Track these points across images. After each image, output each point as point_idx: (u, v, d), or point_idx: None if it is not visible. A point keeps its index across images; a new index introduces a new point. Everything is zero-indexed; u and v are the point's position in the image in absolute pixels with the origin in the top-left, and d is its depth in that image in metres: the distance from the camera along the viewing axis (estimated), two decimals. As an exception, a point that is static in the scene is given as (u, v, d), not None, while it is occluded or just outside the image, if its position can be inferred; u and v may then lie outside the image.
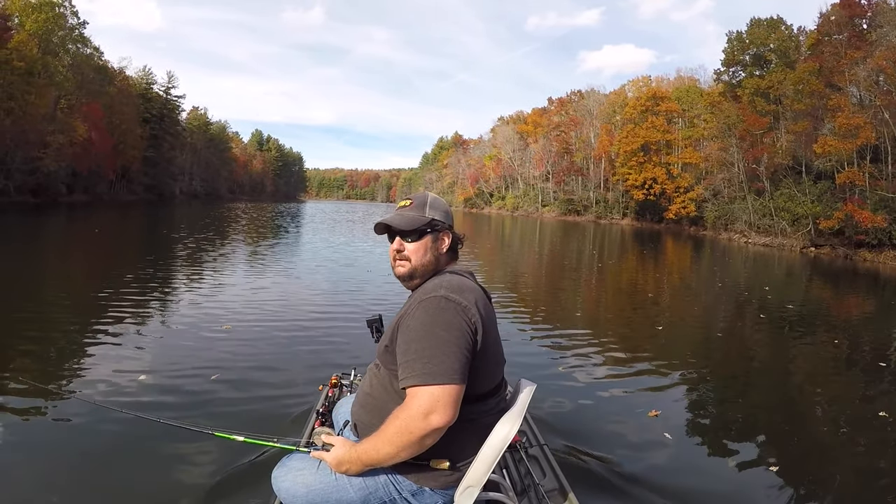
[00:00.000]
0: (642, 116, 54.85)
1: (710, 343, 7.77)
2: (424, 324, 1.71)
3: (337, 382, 3.26)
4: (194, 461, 3.29)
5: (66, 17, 46.73)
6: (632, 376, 5.62)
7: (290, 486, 1.89)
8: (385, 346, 1.86)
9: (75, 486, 3.02)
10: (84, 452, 3.37)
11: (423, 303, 1.76)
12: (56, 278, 10.04)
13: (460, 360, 1.67)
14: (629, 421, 4.42)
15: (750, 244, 32.32)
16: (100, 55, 54.84)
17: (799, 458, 3.96)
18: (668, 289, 13.21)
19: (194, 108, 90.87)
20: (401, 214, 1.98)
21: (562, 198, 70.12)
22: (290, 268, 12.52)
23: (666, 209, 50.59)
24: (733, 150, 38.23)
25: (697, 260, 22.47)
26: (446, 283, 1.83)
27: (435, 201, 2.03)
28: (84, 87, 49.25)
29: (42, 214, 28.87)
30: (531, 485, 2.46)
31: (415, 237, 1.95)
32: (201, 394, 4.41)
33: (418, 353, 1.67)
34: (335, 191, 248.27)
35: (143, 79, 70.17)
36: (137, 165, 63.26)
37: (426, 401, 1.63)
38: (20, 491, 2.94)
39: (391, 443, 1.67)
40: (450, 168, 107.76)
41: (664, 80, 66.12)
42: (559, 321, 8.35)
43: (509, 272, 14.76)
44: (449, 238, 2.01)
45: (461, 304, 1.74)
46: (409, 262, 1.94)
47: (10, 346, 5.45)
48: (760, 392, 5.56)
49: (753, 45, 41.00)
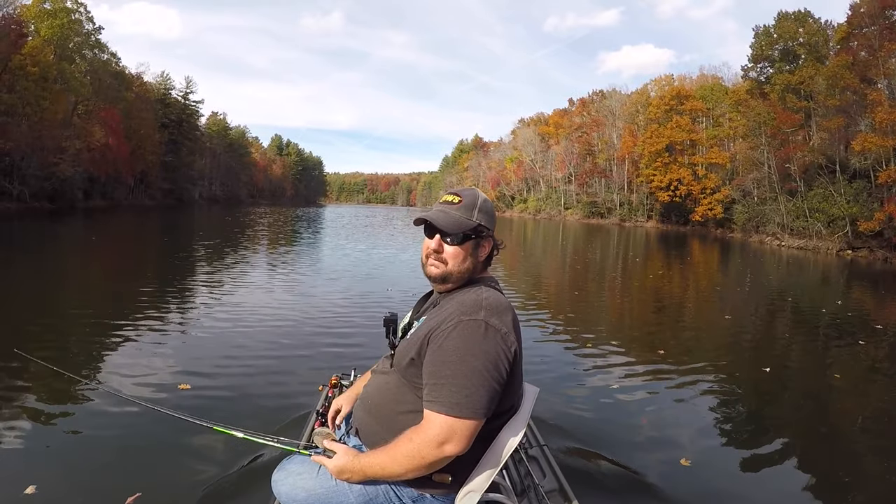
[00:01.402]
0: (667, 116, 53.71)
1: (731, 347, 7.45)
2: (459, 349, 1.62)
3: (337, 383, 3.18)
4: (194, 459, 3.28)
5: (82, 22, 46.79)
6: (636, 378, 5.58)
7: (289, 490, 1.84)
8: (411, 359, 1.73)
9: (73, 479, 3.02)
10: (82, 439, 3.47)
11: (462, 325, 1.65)
12: (51, 283, 9.77)
13: (489, 394, 1.62)
14: (630, 422, 4.42)
15: (783, 247, 31.16)
16: (117, 61, 55.09)
17: (817, 464, 3.85)
18: (695, 292, 12.88)
19: (213, 113, 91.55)
20: (446, 213, 1.83)
21: (585, 200, 68.67)
22: (294, 272, 12.34)
23: (692, 211, 49.74)
24: (763, 148, 36.71)
25: (729, 263, 21.85)
26: (486, 301, 1.71)
27: (485, 204, 1.86)
28: (101, 93, 49.62)
29: (54, 220, 28.66)
30: (531, 486, 2.42)
31: (457, 240, 1.81)
32: (201, 392, 4.46)
33: (447, 380, 1.61)
34: (355, 195, 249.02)
35: (161, 84, 70.61)
36: (156, 170, 63.73)
37: (444, 431, 1.59)
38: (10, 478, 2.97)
39: (399, 464, 1.63)
40: (470, 171, 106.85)
41: (686, 79, 64.53)
42: (572, 323, 8.35)
43: (530, 274, 14.74)
44: (490, 245, 1.89)
45: (501, 330, 1.66)
46: (445, 264, 1.82)
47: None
48: (779, 398, 5.39)
49: (782, 40, 39.80)
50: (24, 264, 11.71)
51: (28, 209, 36.17)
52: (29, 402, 4.00)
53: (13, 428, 3.57)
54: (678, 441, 4.05)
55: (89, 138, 44.98)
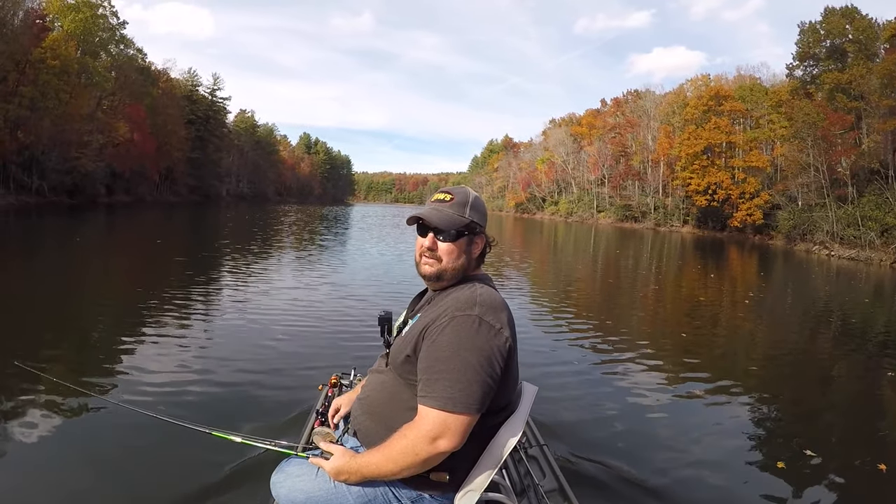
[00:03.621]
0: (704, 117, 51.20)
1: (761, 359, 7.10)
2: (453, 344, 1.63)
3: (336, 382, 3.15)
4: (193, 464, 3.20)
5: (107, 17, 46.56)
6: (648, 382, 5.51)
7: (288, 493, 1.83)
8: (406, 356, 1.74)
9: (72, 488, 2.96)
10: (81, 448, 3.41)
11: (456, 320, 1.66)
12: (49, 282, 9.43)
13: (483, 389, 1.62)
14: (633, 424, 4.35)
15: (833, 257, 28.79)
16: (143, 56, 54.80)
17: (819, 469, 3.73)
18: (730, 301, 12.15)
19: (242, 110, 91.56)
20: (438, 210, 1.83)
21: (618, 203, 66.08)
22: (298, 274, 11.91)
23: (730, 216, 47.38)
24: (810, 151, 34.40)
25: (772, 273, 20.63)
26: (480, 298, 1.72)
27: (476, 201, 1.87)
28: (126, 88, 49.60)
29: (70, 216, 28.16)
30: (531, 485, 2.41)
31: (451, 237, 1.81)
32: (200, 393, 4.41)
33: (441, 374, 1.61)
34: (383, 194, 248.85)
35: (188, 80, 70.51)
36: (182, 167, 63.48)
37: (437, 426, 1.59)
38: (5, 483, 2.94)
39: (394, 461, 1.64)
40: (500, 172, 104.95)
41: (723, 80, 61.69)
42: (590, 328, 8.19)
43: (560, 279, 14.59)
44: (483, 242, 1.90)
45: (495, 326, 1.66)
46: (439, 262, 1.82)
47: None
48: (806, 416, 5.04)
49: (830, 36, 37.50)
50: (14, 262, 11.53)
51: (47, 203, 35.76)
52: (25, 411, 3.89)
53: (9, 439, 3.48)
54: (682, 445, 4.03)
55: (113, 133, 44.72)
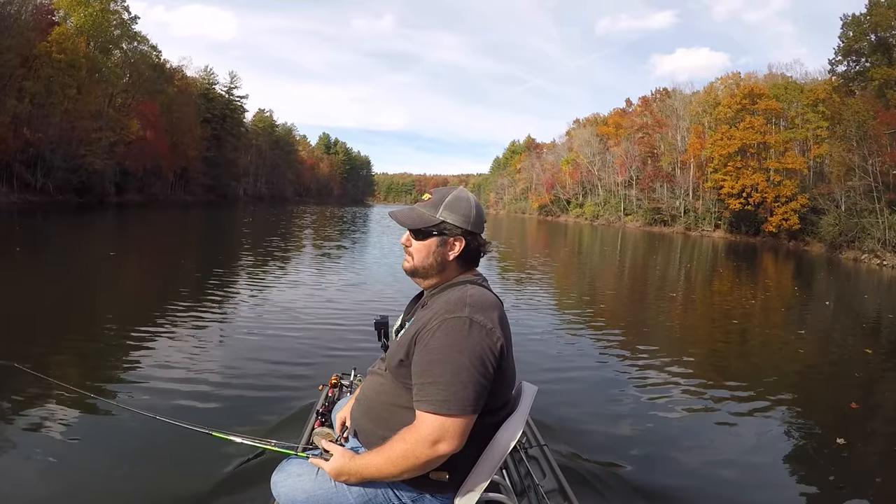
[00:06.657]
0: (738, 116, 48.63)
1: (789, 370, 6.74)
2: (445, 346, 1.63)
3: (337, 382, 3.16)
4: (193, 464, 3.20)
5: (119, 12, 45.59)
6: (659, 387, 5.41)
7: (289, 492, 1.84)
8: (400, 360, 1.76)
9: (73, 490, 2.96)
10: (81, 448, 3.41)
11: (447, 322, 1.66)
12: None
13: (477, 389, 1.63)
14: (636, 427, 4.35)
15: (885, 266, 26.36)
16: (157, 54, 53.70)
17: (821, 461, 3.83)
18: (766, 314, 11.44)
19: (260, 110, 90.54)
20: (411, 208, 1.89)
21: (647, 206, 63.22)
22: (298, 274, 11.93)
23: (765, 221, 44.65)
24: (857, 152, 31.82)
25: (824, 286, 18.83)
26: (470, 298, 1.72)
27: (454, 202, 1.83)
28: (140, 85, 48.64)
29: (75, 216, 27.21)
30: (531, 485, 2.42)
31: (420, 236, 1.83)
32: (200, 393, 4.39)
33: (435, 378, 1.62)
34: (403, 195, 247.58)
35: (204, 78, 69.53)
36: (197, 166, 62.42)
37: (436, 429, 1.60)
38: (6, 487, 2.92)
39: (394, 464, 1.65)
40: (523, 173, 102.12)
41: (753, 78, 58.82)
42: (606, 333, 8.02)
43: (583, 283, 14.58)
44: (461, 245, 1.84)
45: (486, 326, 1.67)
46: (412, 259, 1.85)
47: None
48: (833, 435, 4.37)
49: (876, 29, 34.65)
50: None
51: (52, 203, 34.60)
52: (25, 412, 3.79)
53: (9, 440, 3.44)
54: (684, 446, 4.02)
55: (124, 131, 43.55)
